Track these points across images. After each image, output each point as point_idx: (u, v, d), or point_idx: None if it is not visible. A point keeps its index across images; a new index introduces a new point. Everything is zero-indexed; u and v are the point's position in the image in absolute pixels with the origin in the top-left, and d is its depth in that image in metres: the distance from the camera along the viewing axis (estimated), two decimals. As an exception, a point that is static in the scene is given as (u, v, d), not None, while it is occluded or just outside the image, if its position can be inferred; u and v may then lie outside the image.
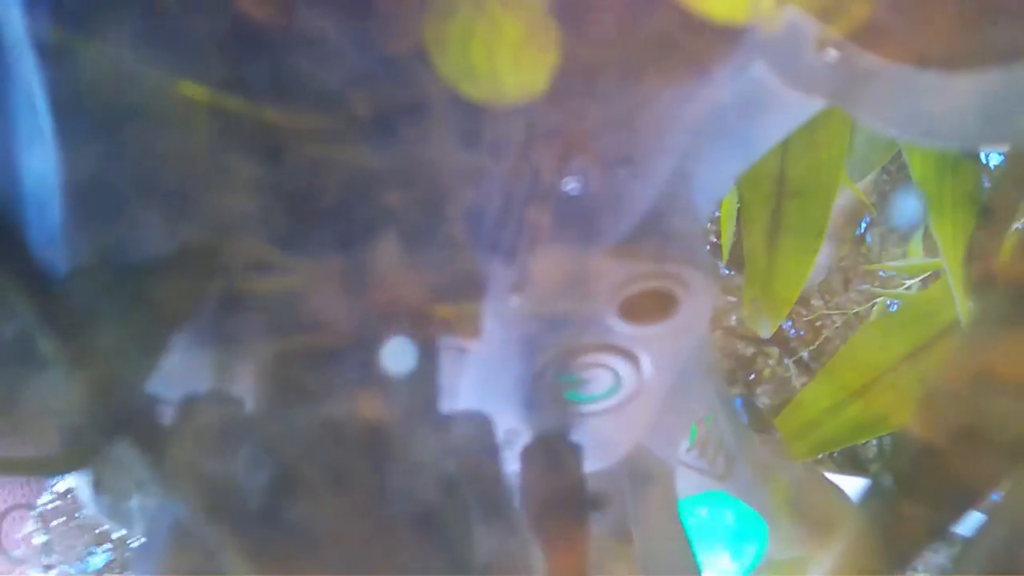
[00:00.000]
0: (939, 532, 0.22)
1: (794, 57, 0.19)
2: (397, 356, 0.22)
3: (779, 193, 0.34)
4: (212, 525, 0.22)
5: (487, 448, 0.25)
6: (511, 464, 0.27)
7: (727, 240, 0.59)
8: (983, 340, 0.21)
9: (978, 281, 0.22)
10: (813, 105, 0.21)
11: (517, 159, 0.18)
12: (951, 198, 0.36)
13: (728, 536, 0.37)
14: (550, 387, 0.25)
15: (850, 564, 0.23)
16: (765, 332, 0.41)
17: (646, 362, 0.25)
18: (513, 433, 0.27)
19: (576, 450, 0.27)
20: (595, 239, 0.21)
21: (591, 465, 0.27)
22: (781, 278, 0.37)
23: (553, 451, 0.26)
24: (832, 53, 0.18)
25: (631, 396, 0.26)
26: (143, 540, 0.24)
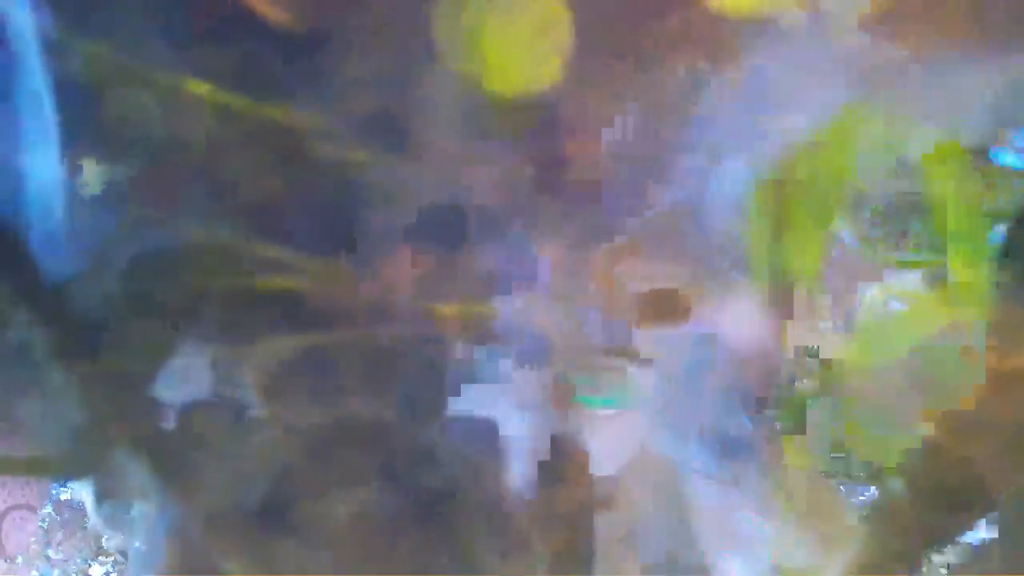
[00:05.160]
0: (946, 535, 0.22)
1: (816, 49, 0.18)
2: (406, 357, 0.22)
3: (783, 189, 0.34)
4: (214, 529, 0.21)
5: (493, 451, 0.25)
6: (517, 468, 0.27)
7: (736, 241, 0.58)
8: (997, 341, 0.21)
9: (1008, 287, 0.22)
10: (834, 100, 0.20)
11: (531, 156, 0.18)
12: (956, 198, 0.36)
13: (738, 542, 0.37)
14: (559, 391, 0.25)
15: (857, 568, 0.23)
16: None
17: (657, 366, 0.24)
18: (521, 437, 0.27)
19: (584, 454, 0.26)
20: (609, 240, 0.20)
21: (600, 469, 0.27)
22: (786, 278, 0.37)
23: (561, 455, 0.26)
24: (854, 44, 0.18)
25: (641, 400, 0.25)
26: (142, 547, 0.24)
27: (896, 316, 0.40)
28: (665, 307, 0.22)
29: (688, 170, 0.21)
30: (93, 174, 0.19)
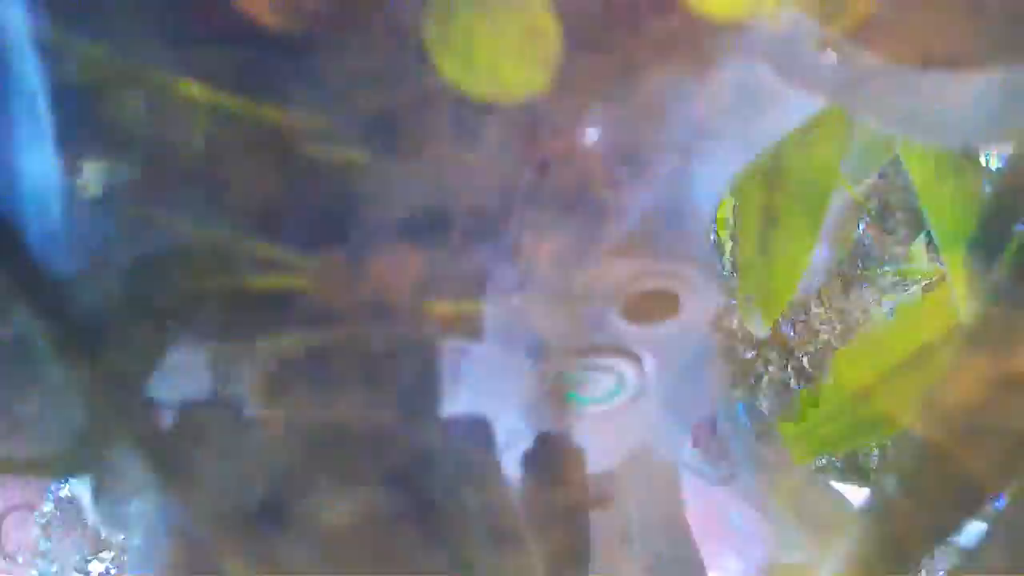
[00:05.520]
0: (942, 536, 0.22)
1: (794, 56, 0.19)
2: (398, 355, 0.22)
3: (772, 186, 0.34)
4: (214, 528, 0.22)
5: (487, 450, 0.25)
6: (511, 466, 0.27)
7: (726, 240, 0.58)
8: (989, 340, 0.21)
9: (982, 282, 0.22)
10: (814, 103, 0.21)
11: (519, 158, 0.18)
12: (951, 200, 0.36)
13: (733, 539, 0.37)
14: (552, 388, 0.25)
15: (854, 568, 0.23)
16: (760, 331, 0.40)
17: (649, 363, 0.24)
18: (514, 435, 0.27)
19: (578, 452, 0.26)
20: (597, 238, 0.21)
21: (594, 467, 0.27)
22: (775, 274, 0.37)
23: (555, 453, 0.26)
24: (832, 54, 0.18)
25: (634, 397, 0.26)
26: (140, 545, 0.24)
27: (894, 319, 0.39)
28: (655, 305, 0.22)
29: (674, 171, 0.21)
30: (93, 175, 0.19)
